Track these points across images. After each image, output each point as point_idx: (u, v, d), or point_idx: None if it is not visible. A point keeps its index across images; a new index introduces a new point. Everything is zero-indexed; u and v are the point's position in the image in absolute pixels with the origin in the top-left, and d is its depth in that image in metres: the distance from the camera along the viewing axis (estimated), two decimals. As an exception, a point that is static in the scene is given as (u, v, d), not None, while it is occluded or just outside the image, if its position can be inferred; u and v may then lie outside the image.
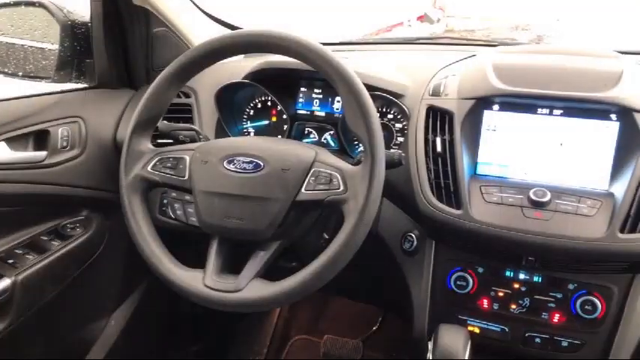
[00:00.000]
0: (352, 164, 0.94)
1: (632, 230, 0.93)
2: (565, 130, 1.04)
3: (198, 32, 1.42)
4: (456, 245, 1.07)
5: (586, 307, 0.98)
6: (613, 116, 1.00)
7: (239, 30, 1.02)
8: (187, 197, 1.18)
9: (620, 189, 0.97)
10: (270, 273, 0.96)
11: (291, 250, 1.05)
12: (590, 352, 1.00)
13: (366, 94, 0.90)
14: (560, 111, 1.04)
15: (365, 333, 1.78)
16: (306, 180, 0.92)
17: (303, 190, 0.91)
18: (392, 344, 1.69)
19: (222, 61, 1.33)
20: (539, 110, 1.05)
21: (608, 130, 1.01)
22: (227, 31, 1.06)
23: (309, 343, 1.82)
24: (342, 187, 0.90)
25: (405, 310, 1.15)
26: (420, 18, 8.23)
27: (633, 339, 0.97)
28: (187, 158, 0.99)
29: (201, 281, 0.93)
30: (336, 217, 1.05)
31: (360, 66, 1.21)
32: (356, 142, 1.23)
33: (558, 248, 0.95)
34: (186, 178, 0.98)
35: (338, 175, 0.91)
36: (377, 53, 1.55)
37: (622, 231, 0.93)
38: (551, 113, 1.04)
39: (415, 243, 1.09)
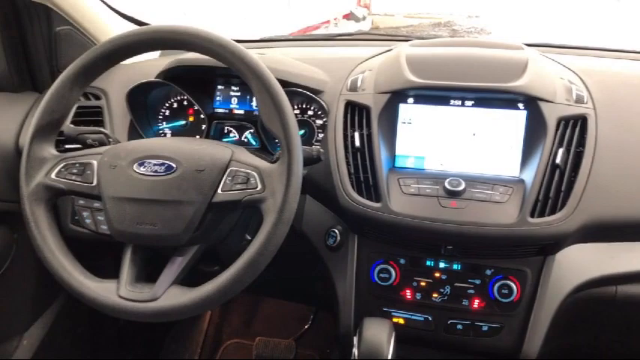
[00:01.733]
0: (271, 162, 0.92)
1: (542, 214, 0.97)
2: (477, 121, 1.07)
3: (106, 30, 1.35)
4: (377, 238, 1.08)
5: (503, 291, 1.01)
6: (520, 105, 1.04)
7: (146, 26, 0.97)
8: (97, 204, 1.12)
9: (529, 175, 1.00)
10: (191, 278, 0.93)
11: (213, 253, 1.02)
12: (509, 335, 1.03)
13: (279, 90, 0.89)
14: (472, 102, 1.07)
15: (298, 332, 1.77)
16: (223, 180, 0.90)
17: (219, 190, 0.89)
18: (325, 341, 1.69)
19: (135, 60, 1.28)
20: (452, 102, 1.07)
21: (517, 118, 1.05)
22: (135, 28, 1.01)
23: (242, 346, 1.78)
24: (259, 186, 0.88)
25: (332, 306, 1.15)
26: (346, 16, 8.35)
27: (546, 319, 1.01)
28: (95, 163, 0.94)
29: (115, 292, 0.89)
30: (257, 216, 1.03)
31: (278, 62, 1.20)
32: (277, 140, 1.21)
33: (473, 235, 0.98)
34: (94, 184, 0.93)
35: (255, 174, 0.90)
36: (297, 50, 1.53)
37: (532, 215, 0.97)
38: (463, 104, 1.07)
39: (338, 238, 1.09)
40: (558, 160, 0.98)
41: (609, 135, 1.02)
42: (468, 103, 1.07)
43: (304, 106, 1.21)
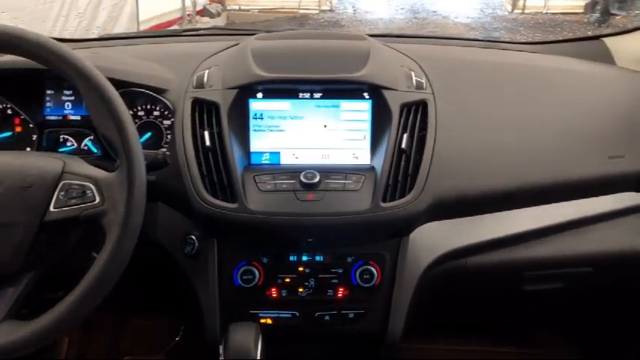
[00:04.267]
0: (111, 171, 0.84)
1: (392, 198, 1.00)
2: (326, 112, 1.07)
3: None
4: (237, 240, 1.05)
5: (364, 276, 1.04)
6: (365, 94, 1.07)
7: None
8: None
9: (379, 162, 1.03)
10: (34, 308, 0.82)
11: (56, 277, 0.92)
12: (373, 318, 1.06)
13: (110, 90, 0.81)
14: (320, 93, 1.07)
15: (168, 345, 1.68)
16: (55, 196, 0.81)
17: (51, 208, 0.80)
18: (198, 352, 1.62)
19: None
20: (301, 94, 1.07)
21: (363, 107, 1.07)
22: None
23: (108, 370, 1.65)
24: (98, 199, 0.81)
25: (199, 315, 1.09)
26: (200, 12, 8.13)
27: (406, 298, 1.05)
28: None
29: None
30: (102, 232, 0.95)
31: (112, 61, 1.12)
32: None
33: (330, 225, 0.99)
34: None
35: (92, 186, 0.82)
36: (138, 47, 1.44)
37: (384, 200, 1.00)
38: (312, 97, 1.07)
39: (197, 245, 1.04)
40: (404, 145, 1.02)
41: (447, 117, 1.09)
42: (317, 95, 1.07)
43: (149, 107, 1.13)
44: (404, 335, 1.08)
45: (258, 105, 1.07)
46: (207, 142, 1.02)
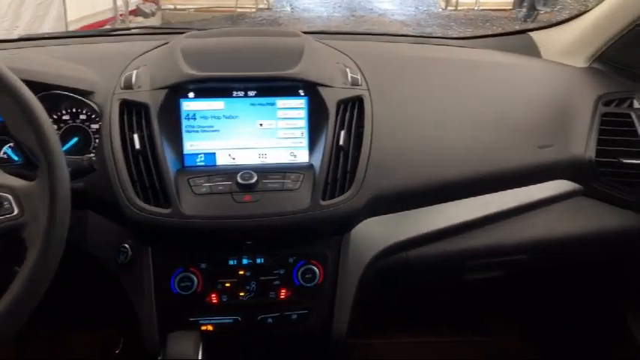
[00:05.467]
0: (32, 180, 0.79)
1: (332, 196, 0.99)
2: (262, 110, 1.05)
3: None
4: (173, 246, 1.01)
5: (307, 276, 1.02)
6: (301, 92, 1.05)
7: None
8: None
9: (317, 160, 1.02)
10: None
11: None
12: (317, 318, 1.05)
13: (25, 93, 0.76)
14: (255, 92, 1.05)
15: (109, 358, 1.61)
16: None
17: None
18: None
19: None
20: (235, 93, 1.04)
21: (299, 105, 1.05)
22: None
23: (43, 390, 1.56)
24: (16, 210, 0.76)
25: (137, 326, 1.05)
26: (134, 12, 7.87)
27: (350, 295, 1.05)
28: None
29: None
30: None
31: (32, 62, 1.06)
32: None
33: (269, 226, 0.97)
34: None
35: (9, 197, 0.76)
36: (63, 48, 1.36)
37: (323, 198, 0.99)
38: (246, 95, 1.05)
39: (130, 253, 0.99)
40: (341, 142, 1.02)
41: (384, 113, 1.09)
42: (251, 93, 1.05)
43: (74, 111, 1.07)
44: (349, 332, 1.07)
45: (190, 105, 1.03)
46: (137, 146, 0.98)
